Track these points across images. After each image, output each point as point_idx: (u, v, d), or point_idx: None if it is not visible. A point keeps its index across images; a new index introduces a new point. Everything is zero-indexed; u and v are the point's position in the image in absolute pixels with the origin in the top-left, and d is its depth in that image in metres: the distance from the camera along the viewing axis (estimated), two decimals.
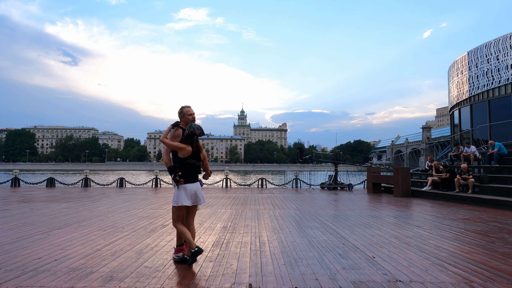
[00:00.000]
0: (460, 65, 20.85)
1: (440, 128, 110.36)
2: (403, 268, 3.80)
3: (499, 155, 12.88)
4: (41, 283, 3.20)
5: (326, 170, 26.71)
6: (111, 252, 4.37)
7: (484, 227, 6.48)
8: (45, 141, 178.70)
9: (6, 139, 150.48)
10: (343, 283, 3.30)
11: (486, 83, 18.16)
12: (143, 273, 3.53)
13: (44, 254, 4.23)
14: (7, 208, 8.66)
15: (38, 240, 5.01)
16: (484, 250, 4.62)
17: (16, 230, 5.76)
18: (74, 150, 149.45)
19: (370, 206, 10.18)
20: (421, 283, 3.31)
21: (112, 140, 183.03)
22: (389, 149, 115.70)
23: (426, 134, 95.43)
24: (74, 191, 14.52)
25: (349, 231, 5.98)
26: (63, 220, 6.90)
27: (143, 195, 12.95)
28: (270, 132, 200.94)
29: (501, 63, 17.25)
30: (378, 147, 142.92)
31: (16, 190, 14.76)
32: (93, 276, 3.42)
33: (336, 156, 21.12)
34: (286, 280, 3.37)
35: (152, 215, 7.71)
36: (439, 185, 12.76)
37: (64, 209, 8.54)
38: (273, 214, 8.09)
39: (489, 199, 9.92)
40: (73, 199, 11.07)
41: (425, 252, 4.50)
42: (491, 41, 17.98)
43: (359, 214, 8.16)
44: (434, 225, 6.70)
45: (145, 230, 5.92)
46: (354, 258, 4.20)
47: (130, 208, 8.93)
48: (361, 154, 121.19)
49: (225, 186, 18.61)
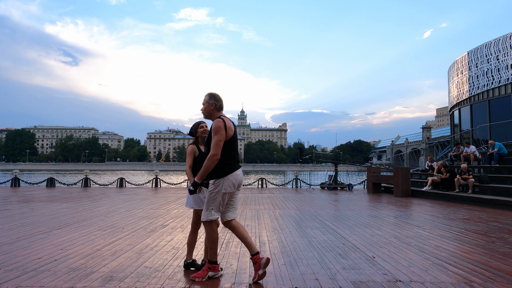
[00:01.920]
0: (460, 65, 20.85)
1: (440, 128, 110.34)
2: (403, 268, 3.80)
3: (499, 155, 12.88)
4: (41, 283, 3.20)
5: (326, 170, 26.71)
6: (111, 252, 4.37)
7: (484, 227, 6.48)
8: (45, 141, 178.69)
9: (6, 139, 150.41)
10: (343, 283, 3.30)
11: (486, 83, 18.16)
12: (143, 273, 3.53)
13: (44, 254, 4.23)
14: (7, 208, 8.66)
15: (38, 240, 5.01)
16: (484, 250, 4.62)
17: (16, 230, 5.76)
18: (74, 150, 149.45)
19: (370, 206, 10.18)
20: (421, 283, 3.31)
21: (112, 140, 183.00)
22: (389, 149, 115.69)
23: (426, 134, 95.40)
24: (74, 191, 14.52)
25: (349, 231, 5.98)
26: (63, 220, 6.90)
27: (143, 195, 12.96)
28: (270, 132, 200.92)
29: (501, 63, 17.25)
30: (378, 147, 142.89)
31: (16, 190, 14.76)
32: (93, 276, 3.42)
33: (336, 156, 21.15)
34: (286, 280, 3.37)
35: (152, 215, 7.71)
36: (439, 185, 12.76)
37: (64, 209, 8.54)
38: (273, 214, 8.09)
39: (489, 199, 9.92)
40: (73, 199, 11.07)
41: (425, 252, 4.50)
42: (491, 41, 17.98)
43: (359, 214, 8.16)
44: (434, 225, 6.70)
45: (145, 230, 5.92)
46: (354, 258, 4.20)
47: (130, 208, 8.93)
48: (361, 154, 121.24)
49: None
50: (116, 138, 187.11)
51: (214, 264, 3.42)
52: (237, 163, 3.43)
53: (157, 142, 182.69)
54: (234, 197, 3.48)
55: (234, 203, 3.49)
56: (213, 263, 3.42)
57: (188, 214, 7.96)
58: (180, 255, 4.31)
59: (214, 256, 3.41)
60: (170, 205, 9.85)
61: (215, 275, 3.42)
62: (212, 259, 3.41)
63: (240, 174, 3.41)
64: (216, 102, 3.44)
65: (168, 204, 9.97)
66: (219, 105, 3.46)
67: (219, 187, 3.30)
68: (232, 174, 3.33)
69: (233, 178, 3.33)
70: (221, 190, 3.30)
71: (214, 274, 3.42)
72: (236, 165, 3.40)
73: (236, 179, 3.35)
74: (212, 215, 3.33)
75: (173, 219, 7.25)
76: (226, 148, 3.32)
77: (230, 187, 3.32)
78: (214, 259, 3.42)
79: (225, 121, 3.33)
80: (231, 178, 3.32)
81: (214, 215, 3.33)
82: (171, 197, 12.18)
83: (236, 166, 3.39)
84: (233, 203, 3.48)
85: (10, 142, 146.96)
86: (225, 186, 3.31)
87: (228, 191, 3.33)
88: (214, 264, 3.43)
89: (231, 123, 3.42)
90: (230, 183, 3.31)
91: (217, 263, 3.45)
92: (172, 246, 4.75)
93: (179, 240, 5.16)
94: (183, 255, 4.31)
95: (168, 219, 7.23)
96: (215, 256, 3.42)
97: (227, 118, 3.40)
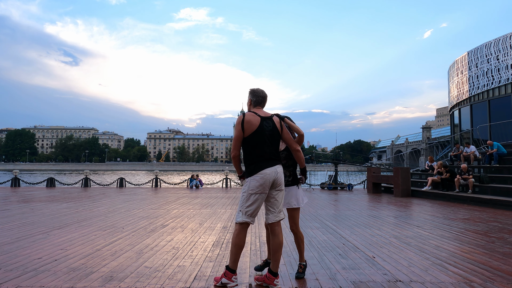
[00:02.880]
0: (460, 65, 20.84)
1: (440, 128, 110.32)
2: (403, 268, 3.80)
3: (499, 155, 12.89)
4: (41, 283, 3.20)
5: (326, 170, 26.71)
6: (111, 252, 4.37)
7: (484, 227, 6.48)
8: (45, 141, 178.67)
9: (6, 139, 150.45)
10: (343, 283, 3.30)
11: (486, 83, 18.16)
12: (143, 273, 3.53)
13: (44, 254, 4.23)
14: (7, 208, 8.66)
15: (38, 240, 5.01)
16: (484, 250, 4.62)
17: (16, 230, 5.76)
18: (74, 150, 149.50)
19: (370, 206, 10.18)
20: (421, 283, 3.31)
21: (112, 140, 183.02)
22: (389, 149, 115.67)
23: (426, 134, 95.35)
24: (74, 191, 14.52)
25: (349, 231, 5.98)
26: (63, 220, 6.90)
27: (143, 195, 12.96)
28: None
29: (501, 63, 17.25)
30: (378, 147, 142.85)
31: (16, 190, 14.77)
32: (93, 276, 3.42)
33: (336, 156, 21.15)
34: (286, 280, 3.37)
35: (152, 215, 7.71)
36: (439, 185, 12.76)
37: (64, 209, 8.54)
38: None
39: (489, 199, 9.92)
40: (73, 199, 11.07)
41: (425, 252, 4.50)
42: (491, 41, 17.98)
43: (359, 214, 8.16)
44: (434, 225, 6.70)
45: (145, 230, 5.92)
46: (354, 258, 4.20)
47: (130, 208, 8.93)
48: (361, 154, 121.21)
49: (225, 186, 18.61)
50: (116, 138, 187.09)
51: (229, 271, 3.15)
52: (268, 160, 3.13)
53: (157, 142, 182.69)
54: (273, 198, 3.19)
55: (274, 205, 3.21)
56: (229, 270, 3.15)
57: (188, 214, 7.96)
58: (180, 255, 4.31)
59: (231, 262, 3.16)
60: (170, 205, 9.85)
61: (228, 283, 3.13)
62: (229, 265, 3.17)
63: (270, 173, 3.09)
64: (252, 98, 3.32)
65: (168, 204, 9.97)
66: (255, 100, 3.30)
67: (246, 187, 3.14)
68: (260, 173, 3.07)
69: (259, 177, 3.07)
70: (248, 190, 3.11)
71: (227, 283, 3.13)
72: (266, 163, 3.11)
73: (264, 178, 3.07)
74: (238, 217, 3.16)
75: (173, 219, 7.25)
76: (250, 144, 3.13)
77: (257, 187, 3.08)
78: (231, 265, 3.16)
79: (245, 116, 3.15)
80: (257, 178, 3.07)
81: (240, 217, 3.14)
82: (171, 197, 12.19)
83: (266, 165, 3.10)
84: (272, 204, 3.21)
85: (10, 142, 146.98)
86: (251, 186, 3.10)
87: (256, 192, 3.09)
88: (230, 271, 3.15)
89: (257, 117, 3.16)
90: (256, 183, 3.07)
91: (232, 271, 3.15)
92: (172, 246, 4.75)
93: (179, 240, 5.16)
94: (183, 255, 4.31)
95: (168, 219, 7.23)
96: (231, 262, 3.15)
97: (252, 113, 3.19)
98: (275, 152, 3.21)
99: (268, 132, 3.16)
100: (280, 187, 3.20)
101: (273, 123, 3.21)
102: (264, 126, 3.15)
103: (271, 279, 3.14)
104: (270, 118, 3.21)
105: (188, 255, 4.30)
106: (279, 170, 3.18)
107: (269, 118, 3.21)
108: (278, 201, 3.22)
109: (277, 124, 3.23)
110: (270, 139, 3.17)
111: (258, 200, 3.12)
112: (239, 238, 3.13)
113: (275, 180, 3.13)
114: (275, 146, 3.22)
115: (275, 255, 3.17)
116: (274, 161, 3.17)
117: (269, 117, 3.22)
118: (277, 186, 3.17)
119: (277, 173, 3.15)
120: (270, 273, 3.16)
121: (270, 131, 3.17)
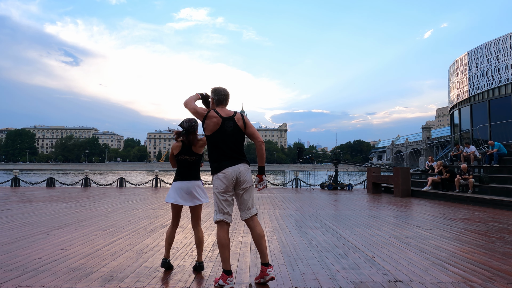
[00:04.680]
0: (460, 65, 20.84)
1: (440, 128, 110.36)
2: (403, 268, 3.80)
3: (499, 155, 12.89)
4: (41, 283, 3.20)
5: (326, 170, 26.69)
6: (111, 252, 4.37)
7: (484, 227, 6.48)
8: (45, 141, 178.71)
9: (6, 139, 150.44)
10: (343, 283, 3.30)
11: (486, 83, 18.16)
12: (143, 273, 3.53)
13: (44, 254, 4.23)
14: (7, 208, 8.66)
15: (38, 240, 5.01)
16: (484, 250, 4.62)
17: (16, 230, 5.76)
18: (74, 150, 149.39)
19: (370, 206, 10.18)
20: (421, 283, 3.30)
21: (112, 140, 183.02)
22: (389, 149, 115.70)
23: (426, 134, 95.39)
24: (74, 191, 14.52)
25: (349, 231, 5.98)
26: (63, 220, 6.90)
27: (143, 195, 12.95)
28: (270, 132, 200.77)
29: (501, 63, 17.25)
30: (378, 147, 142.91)
31: (16, 190, 14.76)
32: (93, 276, 3.42)
33: (336, 156, 21.13)
34: (286, 280, 3.37)
35: (152, 215, 7.71)
36: (439, 185, 12.76)
37: (64, 209, 8.54)
38: (273, 214, 8.09)
39: (489, 199, 9.92)
40: (73, 199, 11.07)
41: (425, 252, 4.50)
42: (491, 41, 17.97)
43: (359, 214, 8.16)
44: (434, 225, 6.70)
45: (145, 230, 5.92)
46: (354, 258, 4.19)
47: (130, 208, 8.93)
48: (361, 154, 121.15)
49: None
50: (116, 138, 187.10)
51: (224, 273, 3.11)
52: (230, 159, 3.16)
53: (157, 142, 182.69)
54: (241, 196, 3.24)
55: (242, 203, 3.25)
56: (224, 271, 3.12)
57: (187, 214, 7.96)
58: (180, 255, 4.32)
59: (222, 263, 3.16)
60: (170, 205, 9.83)
61: (223, 285, 3.08)
62: (222, 266, 3.16)
63: (232, 172, 3.13)
64: (214, 97, 3.34)
65: (168, 204, 9.96)
66: (217, 99, 3.32)
67: (213, 186, 3.24)
68: (222, 172, 3.13)
69: (222, 176, 3.13)
70: (214, 189, 3.23)
71: (223, 285, 3.08)
72: (228, 162, 3.15)
73: (226, 177, 3.12)
74: (215, 216, 3.24)
75: None
76: (212, 143, 3.19)
77: (221, 185, 3.14)
78: (223, 266, 3.14)
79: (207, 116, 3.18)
80: (220, 177, 3.14)
81: (216, 215, 3.22)
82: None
83: (227, 164, 3.14)
84: (240, 203, 3.26)
85: (10, 142, 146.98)
86: (216, 185, 3.19)
87: (220, 190, 3.16)
88: (224, 273, 3.11)
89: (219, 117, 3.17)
90: (220, 182, 3.15)
91: (227, 273, 3.10)
92: (172, 246, 4.75)
93: (179, 240, 5.16)
94: (183, 255, 4.31)
95: (168, 219, 7.23)
96: (222, 263, 3.16)
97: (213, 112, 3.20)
98: (238, 151, 3.23)
99: (229, 131, 3.19)
100: (245, 184, 3.23)
101: (234, 122, 3.22)
102: (225, 125, 3.19)
103: (264, 270, 3.23)
104: (231, 117, 3.22)
105: (188, 255, 4.31)
106: (242, 168, 3.21)
107: (230, 117, 3.22)
108: (246, 199, 3.27)
109: (238, 121, 3.23)
110: (231, 139, 3.20)
111: (226, 198, 3.19)
112: (220, 237, 3.17)
113: (238, 179, 3.18)
114: (237, 145, 3.24)
115: (259, 247, 3.24)
116: (236, 159, 3.21)
117: (230, 116, 3.23)
118: (242, 184, 3.22)
119: (240, 171, 3.19)
120: (262, 265, 3.26)
121: (231, 130, 3.20)
